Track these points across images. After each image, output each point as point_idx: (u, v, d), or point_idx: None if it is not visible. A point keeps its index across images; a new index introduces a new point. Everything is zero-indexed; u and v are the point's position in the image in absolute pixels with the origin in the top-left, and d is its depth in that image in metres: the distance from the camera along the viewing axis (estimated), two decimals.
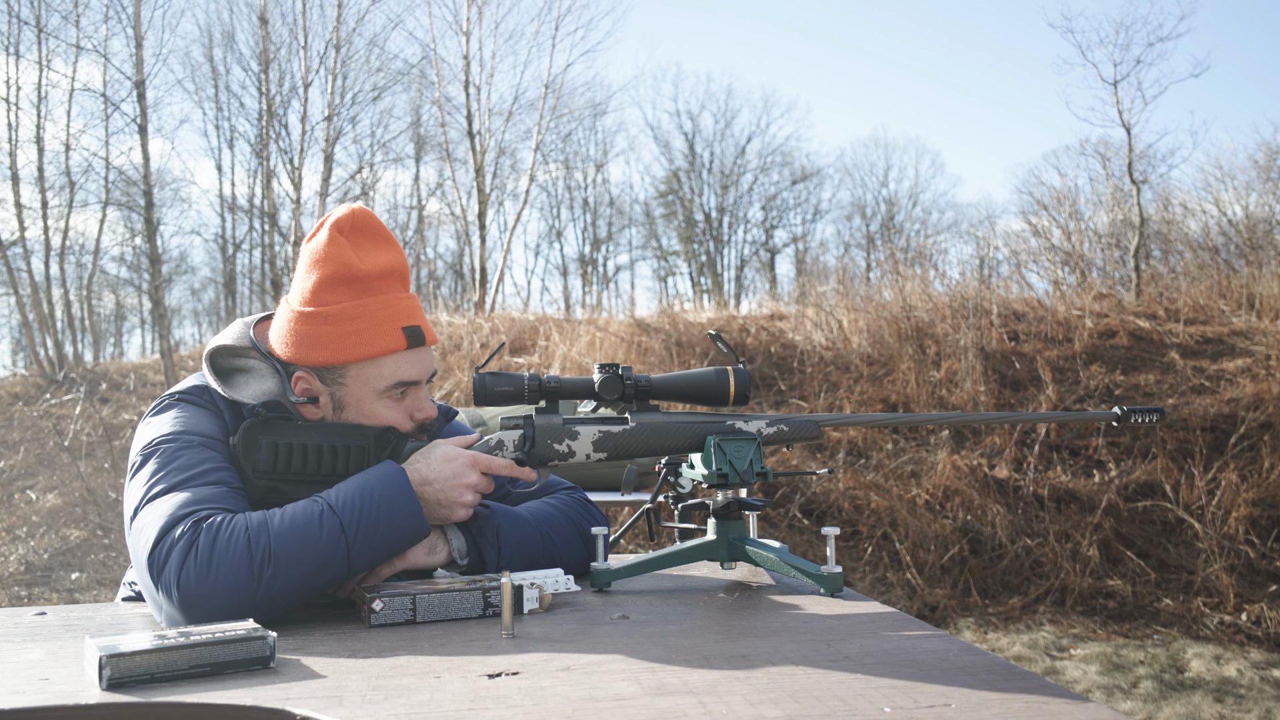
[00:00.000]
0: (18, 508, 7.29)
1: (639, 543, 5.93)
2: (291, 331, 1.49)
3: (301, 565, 1.28)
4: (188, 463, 1.38)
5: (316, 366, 1.49)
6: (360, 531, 1.32)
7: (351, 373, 1.48)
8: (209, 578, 1.24)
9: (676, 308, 10.98)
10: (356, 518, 1.32)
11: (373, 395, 1.49)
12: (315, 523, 1.30)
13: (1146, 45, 13.95)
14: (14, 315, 16.32)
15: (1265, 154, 13.28)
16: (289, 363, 1.51)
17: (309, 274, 1.49)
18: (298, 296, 1.50)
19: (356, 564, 1.32)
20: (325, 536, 1.30)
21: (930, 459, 6.56)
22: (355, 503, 1.33)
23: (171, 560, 1.25)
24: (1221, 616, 5.36)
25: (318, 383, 1.50)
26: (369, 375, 1.48)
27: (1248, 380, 6.87)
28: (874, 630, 1.21)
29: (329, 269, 1.47)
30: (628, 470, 1.61)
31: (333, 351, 1.47)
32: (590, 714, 0.90)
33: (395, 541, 1.36)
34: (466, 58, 14.37)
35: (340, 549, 1.30)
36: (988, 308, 8.01)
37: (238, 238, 19.15)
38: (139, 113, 10.79)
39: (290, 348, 1.50)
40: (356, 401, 1.49)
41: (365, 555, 1.33)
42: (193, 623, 1.23)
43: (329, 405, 1.50)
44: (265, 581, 1.25)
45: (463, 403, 7.83)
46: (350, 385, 1.49)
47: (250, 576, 1.25)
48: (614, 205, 25.61)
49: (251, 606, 1.25)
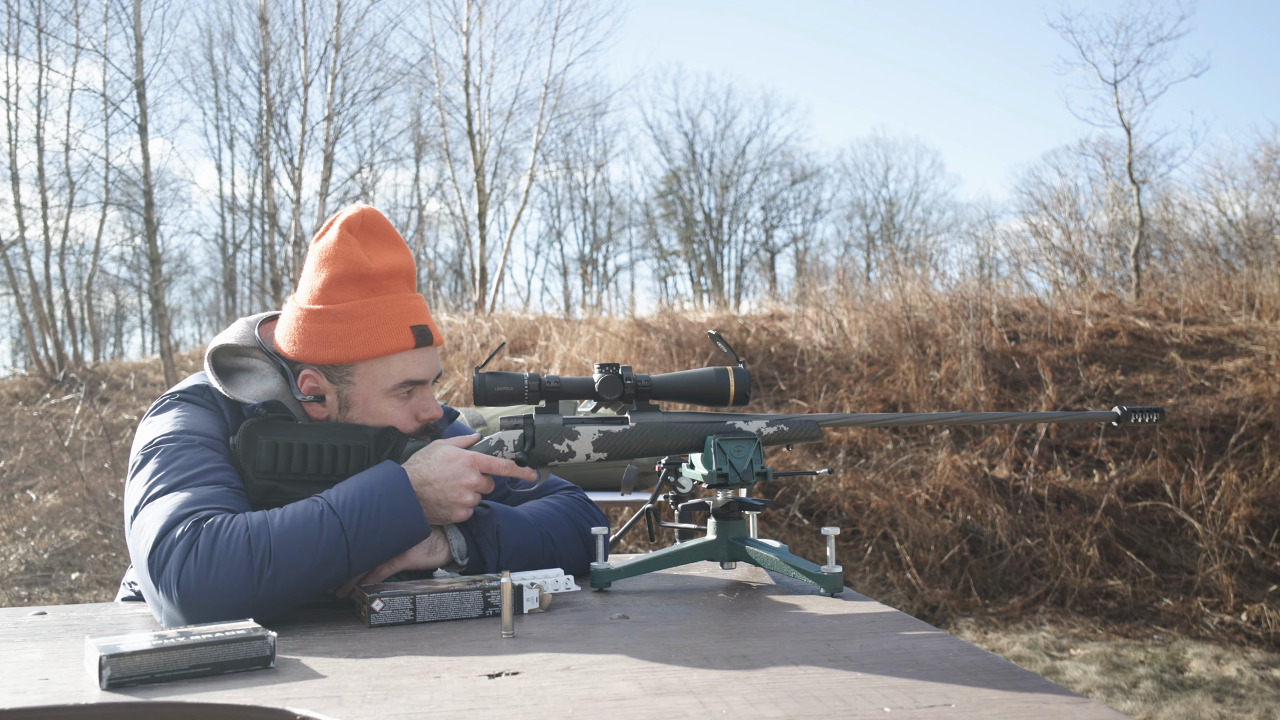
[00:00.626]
0: (18, 508, 7.29)
1: (639, 543, 5.93)
2: (300, 329, 1.49)
3: (302, 566, 1.28)
4: (188, 462, 1.38)
5: (325, 364, 1.49)
6: (360, 532, 1.32)
7: (360, 371, 1.48)
8: (209, 578, 1.24)
9: (676, 308, 10.99)
10: (357, 518, 1.32)
11: (380, 394, 1.49)
12: (315, 523, 1.30)
13: (1146, 45, 13.95)
14: (14, 315, 16.34)
15: (1265, 154, 13.28)
16: (296, 360, 1.51)
17: (318, 272, 1.49)
18: (306, 294, 1.50)
19: (356, 564, 1.32)
20: (325, 537, 1.30)
21: (930, 459, 6.56)
22: (355, 503, 1.33)
23: (172, 560, 1.25)
24: (1221, 616, 5.36)
25: (325, 380, 1.50)
26: (377, 374, 1.48)
27: (1248, 380, 6.87)
28: (874, 630, 1.21)
29: (339, 267, 1.47)
30: (628, 470, 1.61)
31: (342, 349, 1.47)
32: (590, 714, 0.90)
33: (395, 542, 1.36)
34: (466, 58, 14.37)
35: (340, 549, 1.30)
36: (988, 308, 8.01)
37: (238, 238, 19.18)
38: (139, 113, 10.80)
39: (298, 345, 1.50)
40: (363, 400, 1.49)
41: (365, 555, 1.33)
42: (192, 623, 1.23)
43: (335, 404, 1.50)
44: (265, 582, 1.26)
45: (463, 403, 7.83)
46: (358, 383, 1.49)
47: (250, 577, 1.25)
48: (614, 205, 25.63)
49: (251, 606, 1.25)
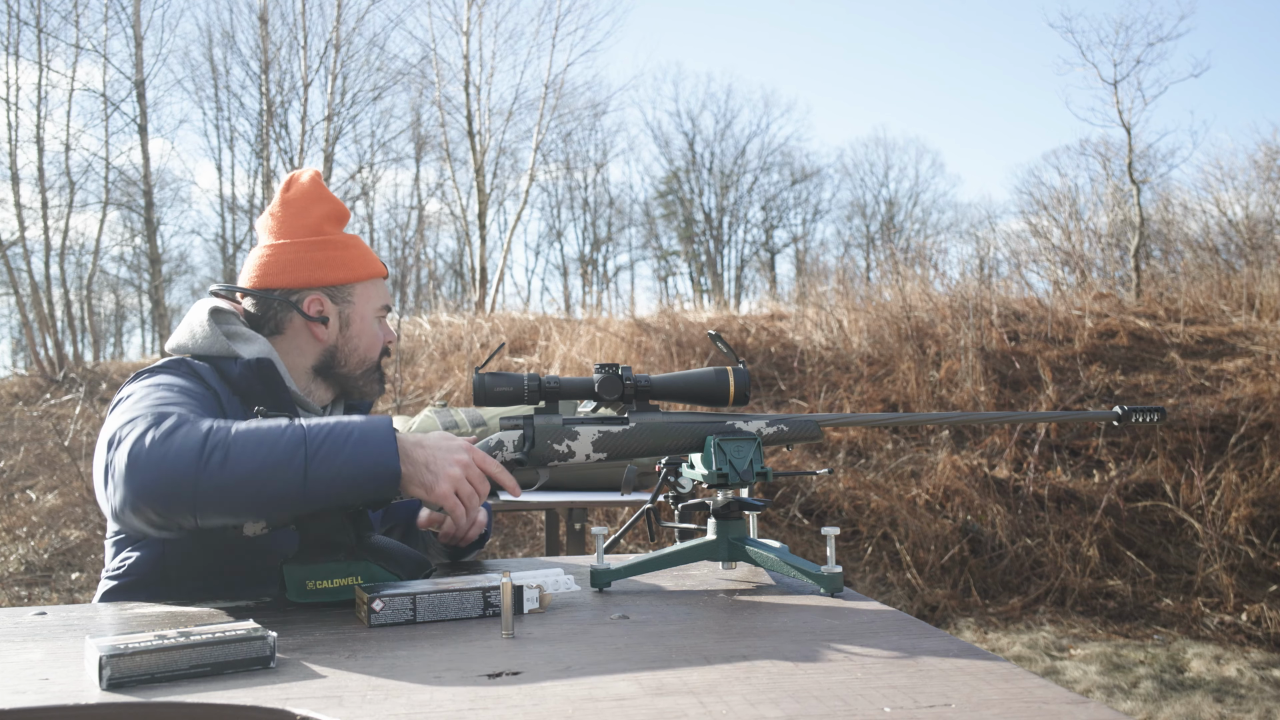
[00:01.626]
0: (18, 508, 7.29)
1: (639, 543, 5.93)
2: (301, 259, 1.66)
3: (253, 460, 1.25)
4: (164, 399, 1.40)
5: (330, 285, 1.67)
6: (323, 447, 1.28)
7: (357, 291, 1.70)
8: (160, 449, 1.24)
9: (676, 308, 10.98)
10: (323, 435, 1.29)
11: (370, 313, 1.71)
12: (279, 429, 1.29)
13: (1146, 45, 13.95)
14: (14, 315, 16.33)
15: (1265, 154, 13.29)
16: (298, 288, 1.66)
17: (306, 210, 1.68)
18: (298, 230, 1.68)
19: (312, 482, 1.27)
20: (285, 441, 1.27)
21: (930, 459, 6.56)
22: (327, 425, 1.31)
23: (134, 430, 1.26)
24: (1221, 616, 5.36)
25: (329, 303, 1.68)
26: (371, 293, 1.71)
27: (1248, 380, 6.87)
28: (874, 630, 1.21)
29: (326, 206, 1.69)
30: (628, 470, 1.61)
31: (345, 271, 1.68)
32: (590, 714, 0.90)
33: (358, 472, 1.29)
34: (466, 57, 14.37)
35: (297, 458, 1.26)
36: (988, 308, 8.01)
37: (238, 238, 19.14)
38: (139, 113, 10.80)
39: (304, 271, 1.66)
40: (360, 318, 1.70)
41: (323, 474, 1.27)
42: (132, 498, 1.24)
43: (336, 325, 1.68)
44: (212, 466, 1.23)
45: (463, 403, 7.83)
46: (356, 303, 1.70)
47: (199, 457, 1.23)
48: (614, 205, 25.62)
49: (192, 490, 1.23)
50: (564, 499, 3.01)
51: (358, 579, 1.39)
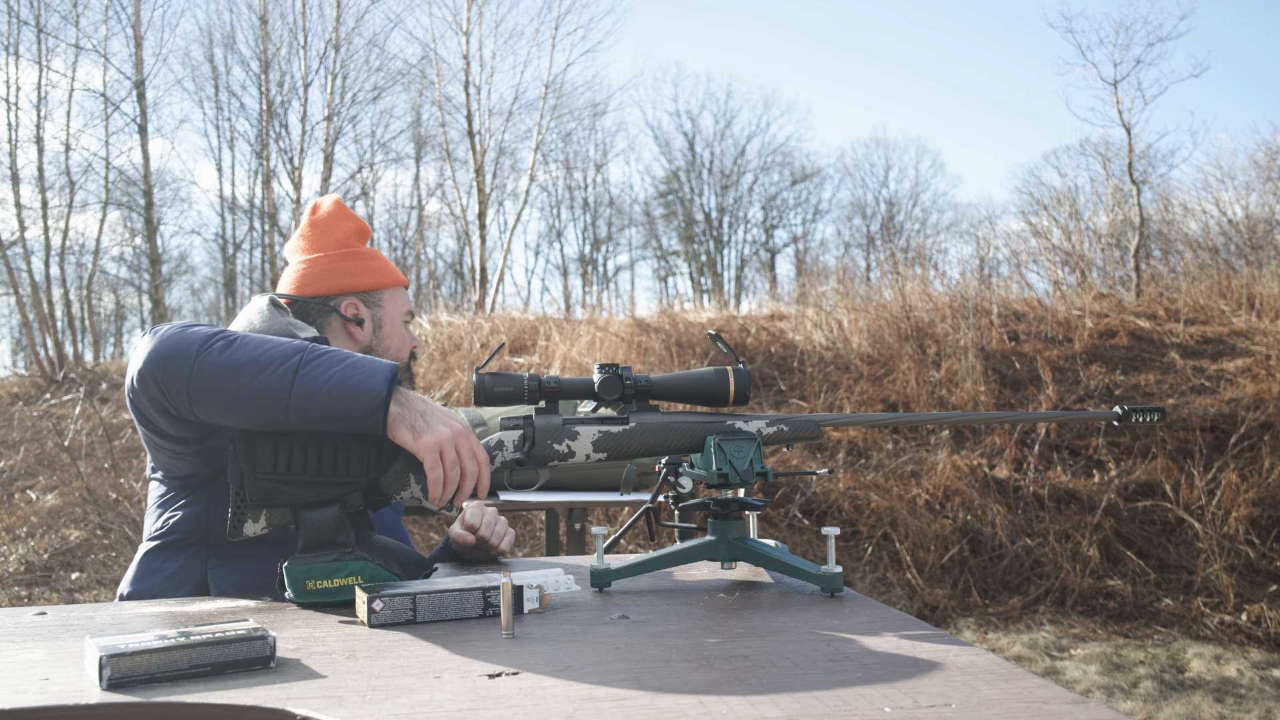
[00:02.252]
0: (18, 508, 7.29)
1: (639, 543, 5.93)
2: (337, 268, 1.82)
3: (252, 352, 1.35)
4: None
5: (363, 290, 1.83)
6: (320, 359, 1.36)
7: (386, 296, 1.85)
8: (180, 330, 1.40)
9: (676, 308, 10.97)
10: (323, 350, 1.38)
11: (398, 317, 1.86)
12: (287, 339, 1.41)
13: (1146, 45, 13.90)
14: (14, 315, 16.34)
15: (1265, 154, 13.29)
16: (335, 294, 1.81)
17: (334, 228, 1.85)
18: (333, 243, 1.84)
19: (300, 384, 1.33)
20: (287, 346, 1.38)
21: (930, 459, 6.56)
22: (332, 348, 1.41)
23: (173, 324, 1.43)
24: (1221, 616, 5.36)
25: (364, 307, 1.83)
26: (398, 299, 1.87)
27: (1248, 380, 6.87)
28: (874, 630, 1.21)
29: (352, 223, 1.86)
30: (628, 470, 1.61)
31: (376, 277, 1.84)
32: (590, 714, 0.90)
33: (345, 388, 1.33)
34: (466, 57, 14.37)
35: (292, 360, 1.35)
36: (988, 308, 8.01)
37: (238, 238, 19.16)
38: (139, 113, 10.80)
39: (338, 279, 1.81)
40: (390, 321, 1.85)
41: (311, 381, 1.33)
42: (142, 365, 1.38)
43: (370, 327, 1.83)
44: (214, 348, 1.36)
45: (463, 403, 7.83)
46: (386, 307, 1.85)
47: (207, 340, 1.37)
48: (614, 205, 25.61)
49: (190, 365, 1.35)
50: (564, 499, 3.01)
51: (358, 579, 1.39)
